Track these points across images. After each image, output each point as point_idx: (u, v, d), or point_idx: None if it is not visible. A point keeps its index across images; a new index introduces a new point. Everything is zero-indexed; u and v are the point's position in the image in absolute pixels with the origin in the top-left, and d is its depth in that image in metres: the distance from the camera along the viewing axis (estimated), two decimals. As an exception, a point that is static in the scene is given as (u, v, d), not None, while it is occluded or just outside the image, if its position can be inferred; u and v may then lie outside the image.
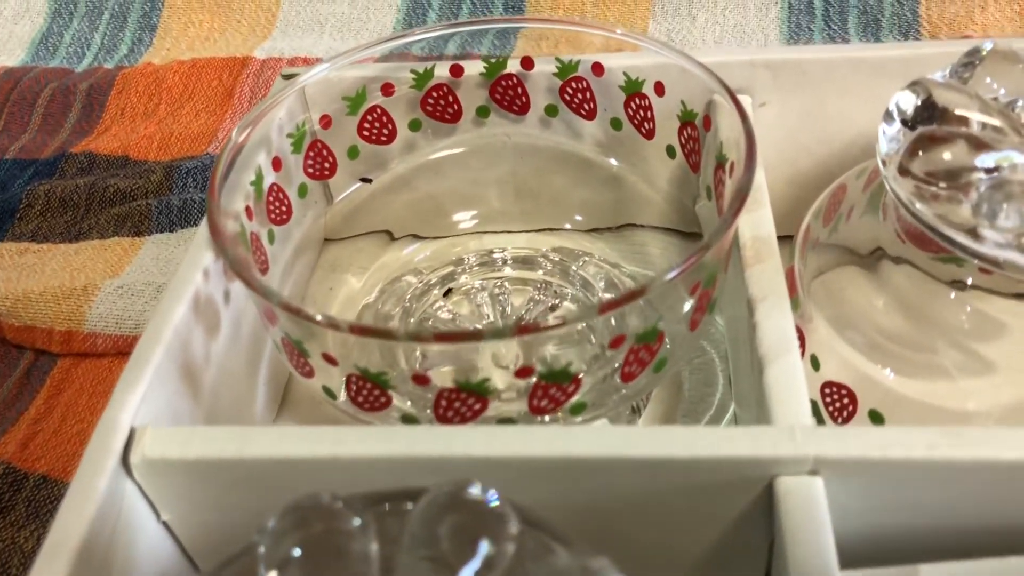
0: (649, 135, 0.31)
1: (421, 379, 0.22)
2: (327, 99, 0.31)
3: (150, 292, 0.36)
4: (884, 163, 0.25)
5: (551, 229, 0.35)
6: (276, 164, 0.29)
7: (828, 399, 0.26)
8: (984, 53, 0.27)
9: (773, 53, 0.31)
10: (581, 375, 0.22)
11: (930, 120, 0.25)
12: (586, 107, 0.32)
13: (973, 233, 0.23)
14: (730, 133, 0.26)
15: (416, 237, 0.35)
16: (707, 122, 0.28)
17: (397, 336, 0.21)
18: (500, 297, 0.33)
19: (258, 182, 0.28)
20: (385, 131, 0.32)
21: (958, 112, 0.25)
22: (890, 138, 0.26)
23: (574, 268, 0.33)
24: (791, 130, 0.33)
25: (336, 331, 0.21)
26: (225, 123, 0.47)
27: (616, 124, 0.31)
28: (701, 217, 0.31)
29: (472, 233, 0.35)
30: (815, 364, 0.26)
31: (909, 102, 0.25)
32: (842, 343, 0.27)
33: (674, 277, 0.21)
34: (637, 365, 0.23)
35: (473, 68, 0.32)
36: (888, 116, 0.26)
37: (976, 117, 0.24)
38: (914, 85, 0.25)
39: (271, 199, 0.29)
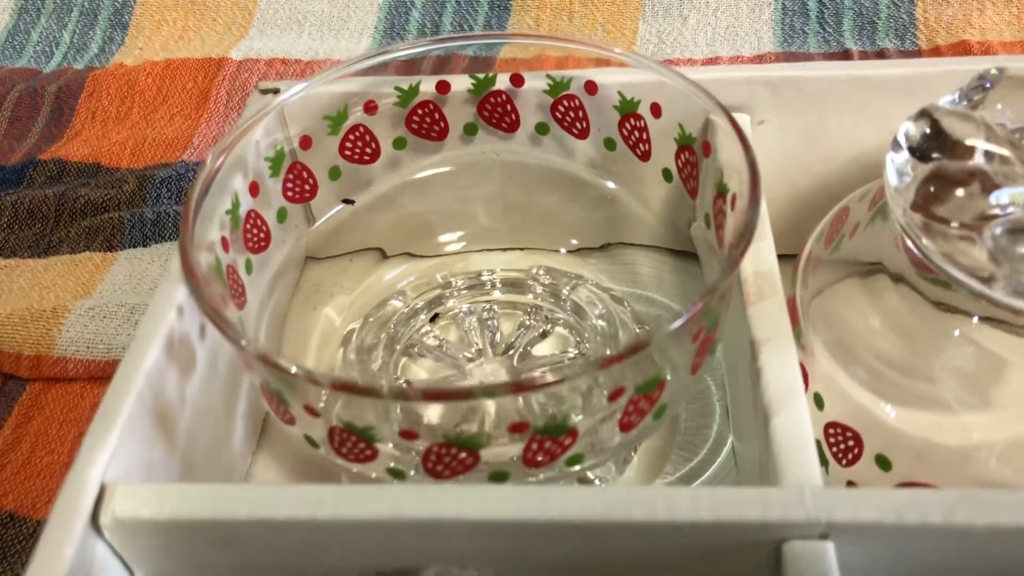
0: (644, 157, 0.29)
1: (409, 435, 0.21)
2: (307, 118, 0.29)
3: (123, 314, 0.35)
4: (893, 198, 0.24)
5: (540, 249, 0.34)
6: (253, 189, 0.27)
7: (832, 439, 0.25)
8: (996, 77, 0.26)
9: (772, 70, 0.30)
10: (578, 427, 0.21)
11: (938, 149, 0.24)
12: (578, 126, 0.30)
13: (986, 276, 0.22)
14: (731, 160, 0.25)
15: (406, 256, 0.34)
16: (706, 148, 0.27)
17: (382, 394, 0.19)
18: (489, 322, 0.31)
19: (234, 210, 0.26)
20: (368, 150, 0.31)
21: (967, 143, 0.24)
22: (899, 169, 0.24)
23: (565, 292, 0.32)
24: (790, 148, 0.32)
25: (316, 386, 0.20)
26: (200, 127, 0.46)
27: (610, 144, 0.30)
28: (696, 239, 0.30)
29: (459, 253, 0.34)
30: (819, 403, 0.25)
31: (917, 131, 0.24)
32: (844, 377, 0.26)
33: (680, 327, 0.19)
34: (636, 415, 0.22)
35: (460, 84, 0.30)
36: (896, 145, 0.25)
37: (984, 147, 0.23)
38: (922, 114, 0.24)
39: (248, 226, 0.27)
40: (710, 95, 0.25)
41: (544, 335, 0.31)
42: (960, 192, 0.22)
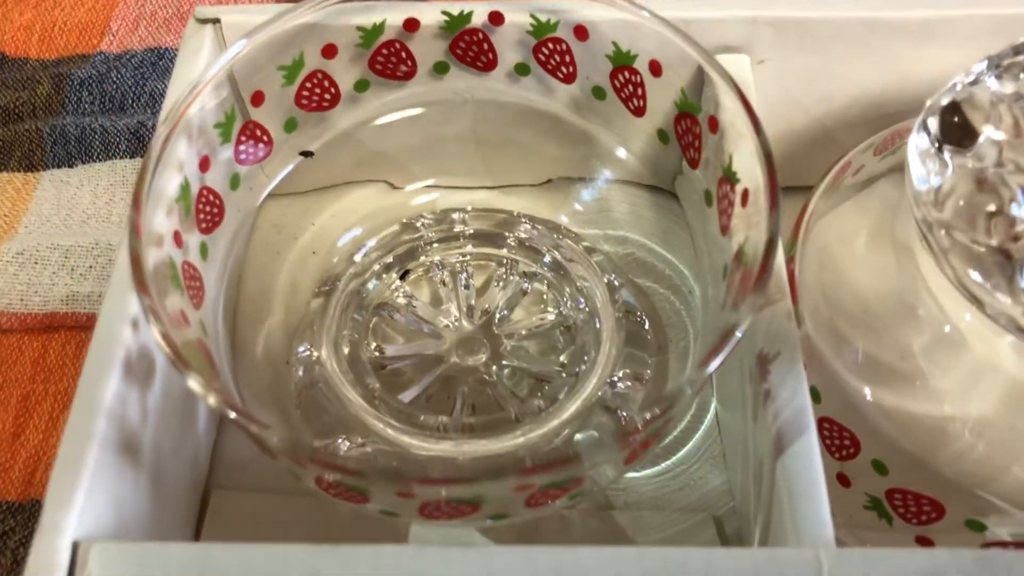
0: (638, 112, 0.27)
1: (406, 495, 0.19)
2: (258, 71, 0.25)
3: (57, 259, 0.32)
4: (916, 200, 0.22)
5: (512, 186, 0.32)
6: (204, 164, 0.24)
7: (827, 433, 0.25)
8: (1029, 48, 0.23)
9: (779, 9, 0.27)
10: (583, 476, 0.20)
11: (961, 141, 0.22)
12: (564, 70, 0.27)
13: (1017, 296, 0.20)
14: (743, 152, 0.22)
15: (372, 191, 0.31)
16: (712, 123, 0.24)
17: (374, 480, 0.18)
18: (461, 276, 0.29)
19: (185, 196, 0.23)
20: (327, 96, 0.27)
21: (992, 138, 0.22)
22: (924, 159, 0.23)
23: (543, 248, 0.30)
24: (789, 88, 0.29)
25: (299, 465, 0.18)
26: (118, 8, 0.40)
27: (599, 93, 0.27)
28: (680, 190, 0.28)
29: (428, 188, 0.31)
30: (816, 396, 0.25)
31: (943, 124, 0.22)
32: (837, 365, 0.25)
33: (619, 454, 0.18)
34: (641, 448, 0.21)
35: (431, 19, 0.27)
36: (923, 127, 0.23)
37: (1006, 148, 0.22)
38: (949, 107, 0.22)
39: (200, 206, 0.24)
40: (724, 72, 0.23)
41: (524, 293, 0.29)
42: (990, 207, 0.21)
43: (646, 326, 0.29)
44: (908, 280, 0.25)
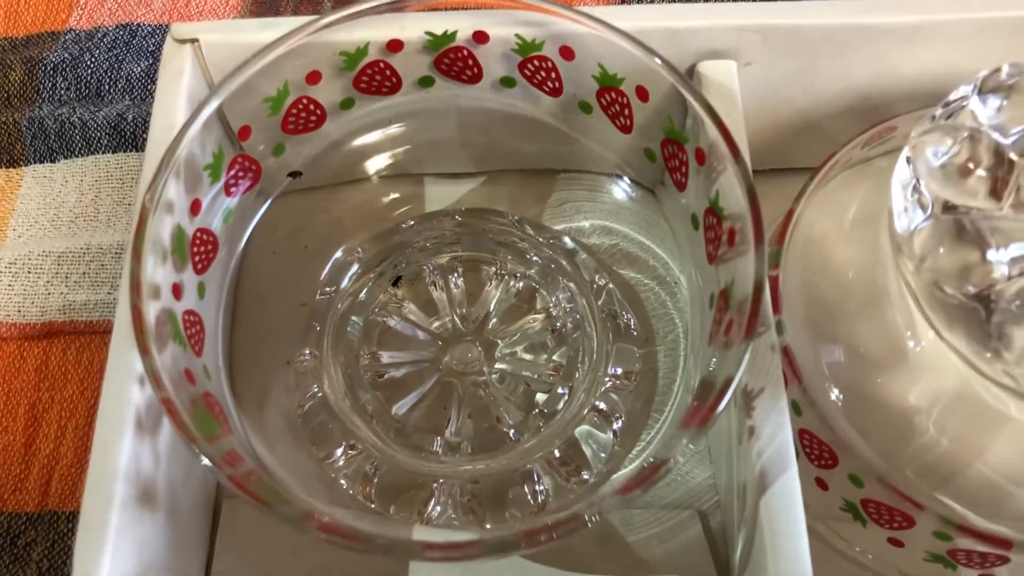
0: (625, 130, 0.27)
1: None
2: (244, 107, 0.25)
3: (50, 267, 0.32)
4: (896, 241, 0.23)
5: (499, 171, 0.32)
6: (195, 208, 0.24)
7: (807, 443, 0.26)
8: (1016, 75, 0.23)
9: (767, 16, 0.27)
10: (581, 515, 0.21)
11: (945, 182, 0.23)
12: (549, 85, 0.27)
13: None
14: (732, 196, 0.23)
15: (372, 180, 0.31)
16: (700, 155, 0.24)
17: (380, 551, 0.19)
18: (452, 280, 0.30)
19: (179, 244, 0.23)
20: (313, 118, 0.27)
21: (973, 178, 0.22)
22: (904, 185, 0.23)
23: (531, 253, 0.30)
24: (776, 86, 0.29)
25: (303, 531, 0.19)
26: (84, -22, 0.39)
27: (585, 108, 0.27)
28: (663, 198, 0.29)
29: (415, 176, 0.31)
30: (796, 409, 0.26)
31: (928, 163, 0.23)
32: (816, 377, 0.26)
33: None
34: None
35: (414, 35, 0.26)
36: (906, 163, 0.23)
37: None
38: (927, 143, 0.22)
39: (195, 249, 0.24)
40: (713, 112, 0.23)
41: (514, 295, 0.30)
42: (971, 256, 0.22)
43: (632, 324, 0.30)
44: (883, 272, 0.25)
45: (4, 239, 0.33)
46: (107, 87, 0.36)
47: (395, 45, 0.26)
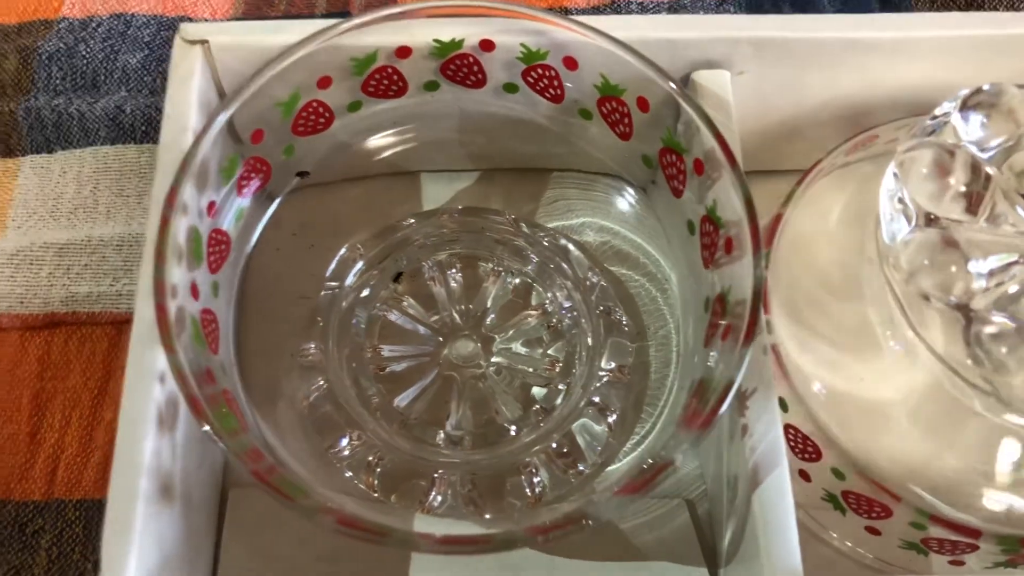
0: (624, 137, 0.28)
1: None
2: (257, 112, 0.26)
3: (51, 259, 0.32)
4: (882, 249, 0.24)
5: (495, 170, 0.33)
6: (210, 209, 0.25)
7: (792, 437, 0.27)
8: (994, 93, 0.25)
9: (759, 29, 0.28)
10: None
11: (931, 193, 0.24)
12: (551, 92, 0.28)
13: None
14: (729, 204, 0.24)
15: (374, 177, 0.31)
16: (698, 165, 0.25)
17: (393, 542, 0.20)
18: (451, 276, 0.31)
19: (197, 247, 0.24)
20: (322, 120, 0.28)
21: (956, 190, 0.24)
22: (891, 195, 0.24)
23: (529, 251, 0.31)
24: (765, 94, 0.30)
25: (320, 523, 0.20)
26: (77, -35, 0.39)
27: (586, 114, 0.28)
28: (656, 201, 0.30)
29: (412, 173, 0.32)
30: (783, 406, 0.27)
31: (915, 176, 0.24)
32: (799, 377, 0.27)
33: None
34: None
35: (422, 40, 0.27)
36: (892, 178, 0.24)
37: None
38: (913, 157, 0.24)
39: (211, 250, 0.25)
40: (715, 127, 0.24)
41: (511, 291, 0.31)
42: (953, 267, 0.23)
43: (624, 320, 0.31)
44: (865, 272, 0.27)
45: (4, 230, 0.33)
46: (103, 78, 0.36)
47: (404, 51, 0.27)
